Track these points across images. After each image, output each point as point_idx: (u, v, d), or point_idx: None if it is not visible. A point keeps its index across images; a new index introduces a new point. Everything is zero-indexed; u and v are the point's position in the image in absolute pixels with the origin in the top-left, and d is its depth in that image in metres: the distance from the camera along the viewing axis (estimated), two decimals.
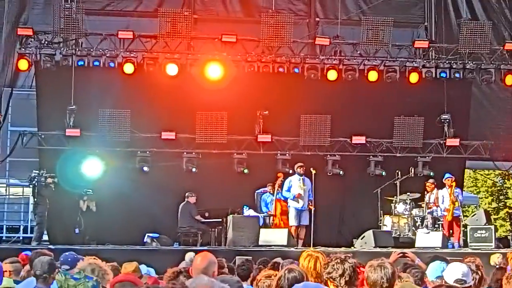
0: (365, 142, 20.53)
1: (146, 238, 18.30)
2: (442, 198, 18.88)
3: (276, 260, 9.63)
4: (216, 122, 19.66)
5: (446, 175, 18.92)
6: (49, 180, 18.03)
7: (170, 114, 19.82)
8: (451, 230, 18.76)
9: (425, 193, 19.30)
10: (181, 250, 15.56)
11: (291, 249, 16.47)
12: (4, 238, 21.68)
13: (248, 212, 19.07)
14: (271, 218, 18.80)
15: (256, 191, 19.74)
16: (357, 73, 20.31)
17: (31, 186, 18.32)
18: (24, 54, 19.36)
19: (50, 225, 18.83)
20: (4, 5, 19.82)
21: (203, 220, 18.71)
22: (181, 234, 18.44)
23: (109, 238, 18.27)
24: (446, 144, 20.82)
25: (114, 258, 9.48)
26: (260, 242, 17.30)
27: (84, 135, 19.34)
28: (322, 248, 15.88)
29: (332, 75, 20.16)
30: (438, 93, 20.60)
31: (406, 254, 9.05)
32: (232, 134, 19.83)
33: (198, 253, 7.11)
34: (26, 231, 22.01)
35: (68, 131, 19.21)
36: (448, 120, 20.74)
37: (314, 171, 18.61)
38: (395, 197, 19.37)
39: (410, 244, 17.96)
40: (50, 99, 19.90)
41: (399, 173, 19.51)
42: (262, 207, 19.28)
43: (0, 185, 22.62)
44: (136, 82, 19.64)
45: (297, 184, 18.62)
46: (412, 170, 19.86)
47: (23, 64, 19.39)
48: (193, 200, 18.79)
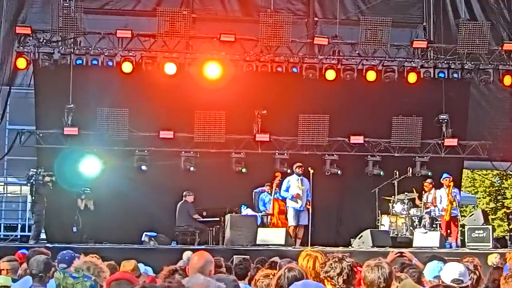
0: (363, 141, 20.53)
1: (144, 237, 18.30)
2: (440, 198, 18.88)
3: (273, 259, 9.62)
4: (214, 121, 19.65)
5: (444, 175, 18.94)
6: (46, 178, 18.02)
7: (168, 113, 19.81)
8: (449, 230, 18.77)
9: (423, 192, 19.30)
10: (178, 249, 15.55)
11: (289, 248, 16.47)
12: (1, 237, 21.71)
13: (246, 211, 19.06)
14: (269, 217, 18.80)
15: (254, 191, 19.73)
16: (355, 73, 20.32)
17: (29, 184, 18.31)
18: (22, 52, 19.35)
19: (47, 223, 18.83)
20: (2, 3, 19.82)
21: (201, 219, 18.68)
22: (178, 233, 18.43)
23: (107, 237, 18.25)
24: (444, 144, 20.83)
25: (112, 256, 9.49)
26: (257, 242, 17.29)
27: (82, 134, 19.34)
28: (320, 247, 15.86)
29: (330, 75, 20.17)
30: (436, 93, 20.61)
31: (403, 254, 9.05)
32: (230, 133, 19.82)
33: (196, 252, 7.12)
34: (23, 230, 22.02)
35: (66, 130, 19.19)
36: (446, 120, 20.76)
37: (312, 171, 18.61)
38: (393, 197, 19.39)
39: (407, 244, 17.95)
40: (48, 98, 19.88)
41: (397, 173, 19.52)
42: (260, 206, 19.28)
43: None
44: (134, 81, 19.63)
45: (295, 184, 18.62)
46: (410, 170, 19.86)
47: (22, 62, 19.37)
48: (191, 199, 18.77)
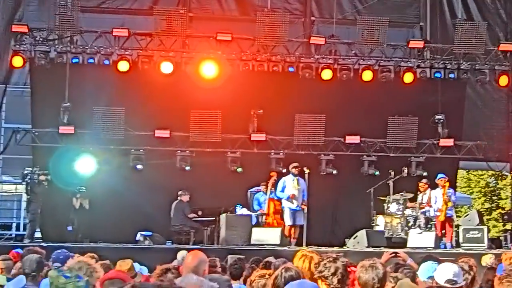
0: (359, 141, 20.54)
1: (138, 236, 18.28)
2: (435, 198, 18.88)
3: (268, 259, 9.62)
4: (210, 120, 19.65)
5: (439, 175, 18.92)
6: (42, 177, 17.99)
7: (164, 112, 19.78)
8: (444, 231, 18.75)
9: (418, 193, 19.31)
10: (173, 248, 15.53)
11: (284, 248, 16.47)
12: None
13: (241, 211, 19.05)
14: (264, 217, 18.79)
15: (249, 190, 19.73)
16: (351, 72, 20.32)
17: (24, 183, 18.29)
18: (18, 51, 19.32)
19: (43, 222, 18.82)
20: None
21: (196, 218, 18.67)
22: (173, 232, 18.43)
23: (102, 236, 18.24)
24: (440, 144, 20.85)
25: (106, 256, 9.47)
26: (252, 241, 17.28)
27: (78, 133, 19.32)
28: (315, 247, 15.88)
29: (326, 75, 20.17)
30: (432, 93, 20.64)
31: (398, 254, 9.05)
32: (226, 132, 19.82)
33: (190, 251, 7.12)
34: (18, 228, 22.00)
35: (62, 129, 19.17)
36: (442, 120, 20.77)
37: (307, 171, 18.62)
38: (388, 197, 19.39)
39: (402, 244, 17.94)
40: (44, 96, 19.85)
41: (393, 173, 19.53)
42: (254, 206, 19.26)
43: None
44: (130, 80, 19.62)
45: (291, 184, 18.60)
46: (405, 170, 19.87)
47: (18, 61, 19.34)
48: (186, 198, 18.76)
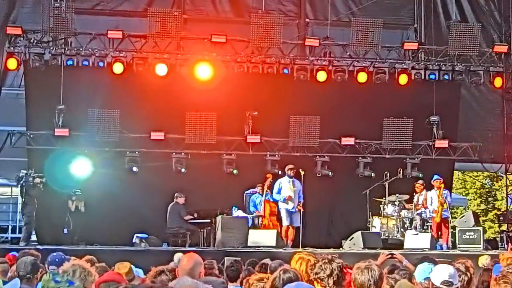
0: (354, 143, 20.56)
1: (134, 239, 18.28)
2: (430, 200, 18.90)
3: (264, 261, 9.62)
4: (205, 122, 19.65)
5: (434, 177, 18.94)
6: (37, 180, 17.95)
7: (159, 114, 19.78)
8: (440, 232, 18.78)
9: (413, 194, 19.34)
10: (169, 250, 15.56)
11: (280, 250, 16.49)
12: None
13: (237, 213, 19.08)
14: (260, 219, 18.81)
15: (245, 192, 19.75)
16: (346, 74, 20.35)
17: (19, 186, 18.27)
18: (13, 53, 19.31)
19: (38, 225, 18.78)
20: None
21: (192, 220, 18.70)
22: (169, 234, 18.43)
23: (97, 239, 18.24)
24: (435, 145, 20.88)
25: (102, 258, 9.49)
26: (249, 243, 17.31)
27: (73, 135, 19.30)
28: (310, 249, 15.91)
29: (321, 76, 20.20)
30: (427, 94, 20.66)
31: (394, 256, 9.07)
32: (221, 134, 19.82)
33: (185, 254, 7.12)
34: (14, 231, 21.96)
35: (57, 131, 19.16)
36: (437, 121, 20.80)
37: (303, 172, 18.66)
38: (384, 198, 19.42)
39: (398, 245, 17.98)
40: (39, 99, 19.83)
41: (388, 174, 19.57)
42: (250, 208, 19.29)
43: None
44: (125, 82, 19.61)
45: (287, 186, 18.63)
46: (401, 172, 19.90)
47: (12, 63, 19.33)
48: (182, 200, 18.77)
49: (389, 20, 21.30)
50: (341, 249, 18.13)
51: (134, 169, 19.72)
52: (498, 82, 20.89)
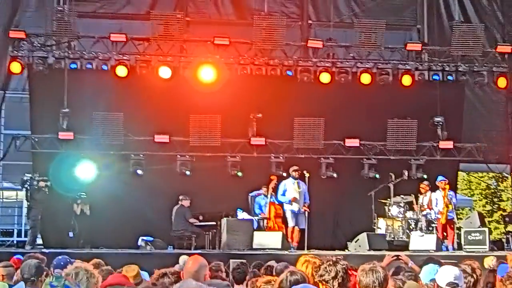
0: (358, 144, 20.53)
1: (140, 242, 18.29)
2: (435, 201, 18.86)
3: (270, 263, 9.62)
4: (209, 125, 19.63)
5: (439, 178, 18.89)
6: (41, 183, 17.96)
7: (163, 117, 19.79)
8: (445, 233, 18.74)
9: (418, 195, 19.31)
10: (175, 253, 15.56)
11: (285, 252, 16.48)
12: None
13: (242, 215, 19.05)
14: (265, 221, 18.79)
15: (250, 194, 19.74)
16: (350, 75, 20.33)
17: (24, 189, 18.28)
18: (16, 57, 19.32)
19: (44, 228, 18.81)
20: None
21: (197, 223, 18.68)
22: (175, 237, 18.43)
23: (103, 242, 18.24)
24: (440, 146, 20.84)
25: (108, 261, 9.48)
26: (254, 245, 17.28)
27: (77, 138, 19.30)
28: (316, 251, 15.91)
29: (325, 78, 20.18)
30: (431, 95, 20.63)
31: (400, 257, 9.07)
32: (225, 137, 19.81)
33: (190, 256, 7.12)
34: (20, 235, 21.98)
35: (61, 134, 19.16)
36: (441, 122, 20.77)
37: (308, 174, 18.64)
38: (389, 199, 19.40)
39: (404, 247, 17.95)
40: (43, 102, 19.84)
41: (393, 175, 19.54)
42: (255, 210, 19.27)
43: None
44: (129, 85, 19.62)
45: (292, 187, 18.60)
46: (405, 173, 19.86)
47: (16, 67, 19.34)
48: (187, 203, 18.76)
49: (392, 21, 21.31)
50: (346, 250, 18.11)
51: (139, 172, 19.72)
52: (502, 82, 20.84)
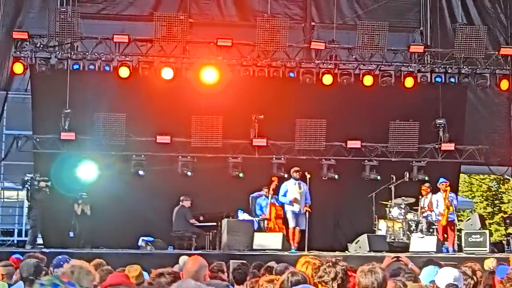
0: (360, 146, 20.51)
1: (140, 242, 18.28)
2: (436, 203, 18.85)
3: (269, 264, 9.60)
4: (211, 126, 19.64)
5: (440, 180, 18.87)
6: (42, 184, 17.96)
7: (165, 118, 19.78)
8: (446, 235, 18.71)
9: (419, 197, 19.29)
10: (175, 254, 15.51)
11: (286, 253, 16.46)
12: None
13: (242, 216, 19.04)
14: (266, 222, 18.78)
15: (251, 195, 19.73)
16: (352, 77, 20.31)
17: (24, 189, 18.28)
18: (19, 57, 19.31)
19: (44, 228, 18.80)
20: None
21: (198, 224, 18.67)
22: (175, 237, 18.41)
23: (103, 242, 18.23)
24: (441, 148, 20.82)
25: (108, 261, 9.48)
26: (254, 246, 17.27)
27: (79, 139, 19.30)
28: (316, 252, 15.89)
29: (327, 80, 20.17)
30: (433, 97, 20.60)
31: (400, 258, 9.05)
32: (227, 138, 19.81)
33: (190, 256, 7.10)
34: (20, 235, 21.99)
35: (63, 135, 19.16)
36: (443, 124, 20.75)
37: (309, 176, 18.62)
38: (390, 201, 19.38)
39: (404, 248, 17.94)
40: (45, 103, 19.85)
41: (394, 177, 19.52)
42: (256, 211, 19.26)
43: None
44: (131, 86, 19.62)
45: (293, 188, 18.58)
46: (407, 175, 19.85)
47: (18, 67, 19.34)
48: (187, 204, 18.75)
49: (395, 23, 21.28)
50: (346, 252, 18.10)
51: (140, 172, 19.72)
52: (504, 84, 20.80)
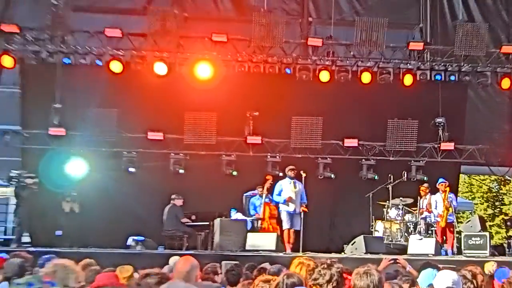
0: (357, 145, 20.49)
1: (130, 241, 18.20)
2: (435, 204, 18.81)
3: (263, 265, 9.55)
4: (205, 122, 19.62)
5: (440, 180, 18.81)
6: (28, 180, 17.88)
7: (157, 114, 19.73)
8: (445, 237, 18.68)
9: (418, 198, 19.24)
10: (166, 254, 15.42)
11: (279, 254, 16.40)
12: None
13: (235, 215, 18.99)
14: (260, 222, 18.72)
15: (244, 194, 19.69)
16: (350, 74, 20.25)
17: (10, 186, 18.20)
18: (8, 50, 19.19)
19: (31, 226, 18.72)
20: None
21: (190, 223, 18.60)
22: (166, 237, 18.33)
23: (92, 241, 18.13)
24: (441, 148, 20.79)
25: (97, 261, 9.42)
26: (247, 247, 17.18)
27: (69, 135, 19.26)
28: (311, 253, 15.82)
29: (324, 76, 20.10)
30: (432, 96, 20.57)
31: (397, 261, 9.00)
32: (221, 135, 19.77)
33: (181, 257, 7.04)
34: (7, 233, 21.92)
35: (52, 130, 19.11)
36: (442, 123, 20.72)
37: (304, 174, 18.58)
38: (388, 202, 19.33)
39: (402, 250, 17.89)
40: (34, 97, 19.81)
41: (392, 177, 19.47)
42: (250, 211, 19.21)
43: None
44: (123, 81, 19.53)
45: (288, 187, 18.53)
46: (405, 175, 19.82)
47: (8, 61, 19.22)
48: (179, 202, 18.68)
49: (394, 19, 21.13)
50: (342, 253, 18.04)
51: (131, 169, 19.67)
52: (505, 83, 20.74)
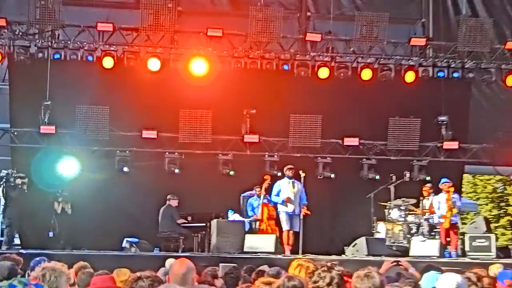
0: (358, 144, 20.53)
1: (124, 243, 18.25)
2: (438, 204, 18.82)
3: (261, 268, 9.58)
4: (200, 120, 19.62)
5: (443, 180, 18.84)
6: (18, 180, 17.89)
7: (151, 112, 19.76)
8: (448, 238, 18.70)
9: (421, 198, 19.26)
10: (161, 256, 15.48)
11: (278, 256, 16.43)
12: None
13: (233, 216, 19.03)
14: (258, 223, 18.74)
15: (242, 195, 19.72)
16: (349, 71, 20.30)
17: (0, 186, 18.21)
18: None
19: (22, 228, 18.74)
20: None
21: (186, 224, 18.64)
22: (161, 239, 18.38)
23: (85, 243, 18.21)
24: (444, 147, 20.85)
25: (90, 263, 9.43)
26: (245, 249, 17.24)
27: (59, 133, 19.26)
28: (311, 256, 15.84)
29: (323, 73, 20.15)
30: (435, 93, 20.64)
31: (400, 263, 9.03)
32: (217, 133, 19.79)
33: (177, 259, 7.07)
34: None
35: (42, 128, 19.11)
36: (446, 122, 20.76)
37: (303, 174, 18.58)
38: (389, 202, 19.35)
39: (404, 252, 17.91)
40: (24, 94, 19.79)
41: (394, 177, 19.49)
42: (248, 211, 19.24)
43: None
44: (115, 77, 19.57)
45: (286, 187, 18.54)
46: (407, 174, 19.83)
47: None
48: (175, 203, 18.71)
49: (395, 14, 21.19)
50: (343, 256, 18.08)
51: (125, 169, 19.68)
52: (510, 80, 20.80)
